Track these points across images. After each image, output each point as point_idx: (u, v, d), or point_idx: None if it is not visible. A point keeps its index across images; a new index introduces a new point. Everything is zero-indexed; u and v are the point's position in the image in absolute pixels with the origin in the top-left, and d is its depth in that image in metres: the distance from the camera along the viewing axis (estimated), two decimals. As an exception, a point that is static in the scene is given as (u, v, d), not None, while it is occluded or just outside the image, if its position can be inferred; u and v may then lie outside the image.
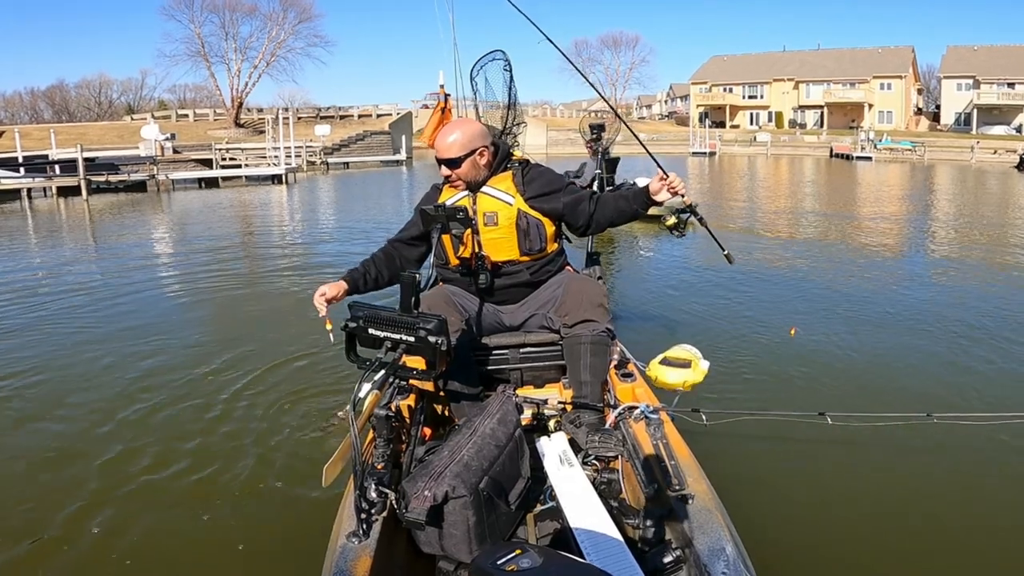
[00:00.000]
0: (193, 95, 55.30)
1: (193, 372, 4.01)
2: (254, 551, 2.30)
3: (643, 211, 2.28)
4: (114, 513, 2.51)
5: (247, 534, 2.38)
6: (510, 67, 3.38)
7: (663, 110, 67.26)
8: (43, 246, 10.50)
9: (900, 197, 16.42)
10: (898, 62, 48.31)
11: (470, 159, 2.24)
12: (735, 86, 52.70)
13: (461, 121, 2.42)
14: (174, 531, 2.40)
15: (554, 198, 2.30)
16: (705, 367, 2.08)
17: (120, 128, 36.11)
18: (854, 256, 8.13)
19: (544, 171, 2.38)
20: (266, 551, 2.29)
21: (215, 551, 2.30)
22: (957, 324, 4.97)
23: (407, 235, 2.43)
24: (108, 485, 2.72)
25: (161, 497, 2.62)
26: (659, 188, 2.19)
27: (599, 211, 2.32)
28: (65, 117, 51.28)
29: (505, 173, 2.32)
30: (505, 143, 2.42)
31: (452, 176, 2.28)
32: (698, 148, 38.57)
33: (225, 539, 2.36)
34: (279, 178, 22.83)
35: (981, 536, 2.44)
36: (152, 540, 2.34)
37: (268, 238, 10.98)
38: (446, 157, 2.25)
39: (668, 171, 2.20)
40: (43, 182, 19.92)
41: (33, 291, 6.61)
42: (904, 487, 2.76)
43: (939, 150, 34.87)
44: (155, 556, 2.26)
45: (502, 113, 3.51)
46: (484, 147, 2.27)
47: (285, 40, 42.63)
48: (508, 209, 2.27)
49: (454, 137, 2.24)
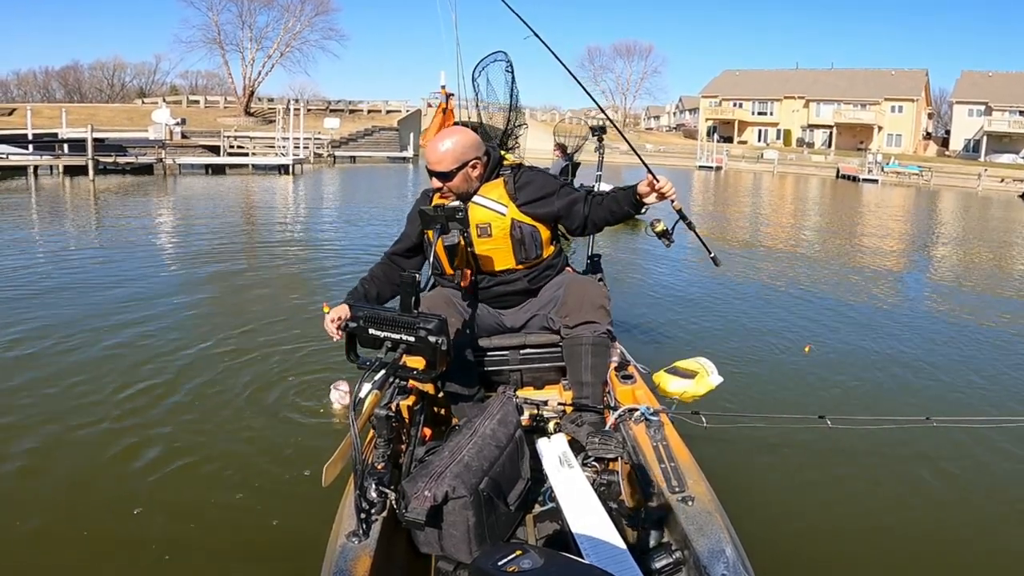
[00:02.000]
0: (205, 82, 55.58)
1: (189, 367, 3.91)
2: (254, 550, 2.29)
3: (634, 212, 2.24)
4: (112, 512, 2.47)
5: (246, 533, 2.37)
6: (512, 68, 3.37)
7: (671, 122, 67.37)
8: (44, 224, 10.51)
9: (903, 220, 16.50)
10: (911, 85, 48.37)
11: (462, 172, 2.19)
12: (745, 101, 52.74)
13: (453, 130, 2.33)
14: (173, 530, 2.37)
15: (548, 202, 2.26)
16: (714, 381, 2.07)
17: (131, 111, 36.19)
18: (853, 270, 8.22)
19: (536, 175, 2.32)
20: (266, 550, 2.29)
21: (214, 550, 2.28)
22: (954, 333, 5.10)
23: (403, 247, 2.40)
24: (105, 483, 2.68)
25: (159, 496, 2.58)
26: (647, 192, 2.15)
27: (594, 212, 2.27)
28: (77, 98, 51.31)
29: (496, 180, 2.27)
30: (496, 150, 2.36)
31: (444, 188, 2.22)
32: (705, 162, 38.58)
33: (224, 538, 2.35)
34: (286, 168, 22.84)
35: (980, 538, 2.47)
36: (151, 539, 2.32)
37: (270, 227, 11.02)
38: (438, 170, 2.19)
39: (659, 176, 2.15)
40: (50, 160, 19.93)
41: (31, 268, 6.61)
42: (903, 490, 2.78)
43: (946, 176, 34.90)
44: (154, 555, 2.24)
45: (503, 115, 3.51)
46: (477, 159, 2.21)
47: (301, 32, 42.75)
48: (501, 220, 2.22)
49: (446, 149, 2.17)
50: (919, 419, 2.74)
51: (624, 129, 54.56)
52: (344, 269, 7.07)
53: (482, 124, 3.49)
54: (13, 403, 3.38)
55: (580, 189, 2.39)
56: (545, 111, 42.40)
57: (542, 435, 2.08)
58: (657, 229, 2.40)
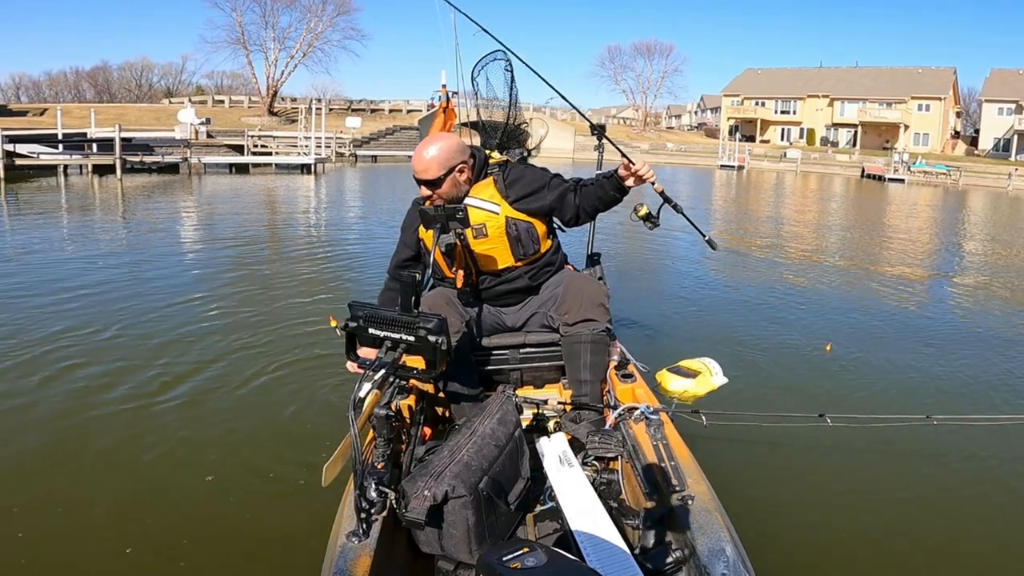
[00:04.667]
0: (230, 82, 56.28)
1: (191, 364, 3.91)
2: (253, 550, 2.28)
3: (621, 196, 2.26)
4: (111, 509, 2.47)
5: (246, 533, 2.36)
6: (511, 67, 3.39)
7: (692, 121, 66.73)
8: (73, 221, 10.75)
9: (925, 219, 16.18)
10: (938, 83, 47.31)
11: (450, 178, 2.18)
12: (768, 100, 52.00)
13: (436, 137, 2.30)
14: (171, 528, 2.36)
15: (539, 196, 2.26)
16: (718, 382, 2.08)
17: (158, 111, 36.82)
18: (862, 268, 8.13)
19: (525, 170, 2.33)
20: (265, 550, 2.28)
21: (214, 550, 2.27)
22: (957, 333, 5.05)
23: (403, 258, 2.41)
24: (104, 480, 2.66)
25: (158, 495, 2.57)
26: (626, 176, 2.17)
27: (584, 200, 2.28)
28: (106, 98, 52.38)
29: (486, 180, 2.26)
30: (482, 151, 2.35)
31: (433, 196, 2.20)
32: (726, 161, 38.16)
33: (224, 538, 2.34)
34: (308, 168, 23.07)
35: (980, 537, 2.46)
36: (150, 538, 2.31)
37: (290, 226, 11.13)
38: (425, 179, 2.17)
39: (634, 160, 2.16)
40: (80, 159, 20.37)
41: (61, 263, 6.78)
42: (903, 489, 2.77)
43: (975, 176, 34.09)
44: (153, 554, 2.23)
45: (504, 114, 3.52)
46: (463, 163, 2.20)
47: (323, 32, 43.10)
48: (495, 219, 2.22)
49: (431, 156, 2.16)
50: (920, 418, 2.74)
51: (644, 128, 54.30)
52: (357, 270, 7.07)
53: (482, 124, 3.51)
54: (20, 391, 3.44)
55: (569, 180, 2.38)
56: (564, 111, 42.22)
57: (542, 434, 2.10)
58: (640, 213, 2.39)
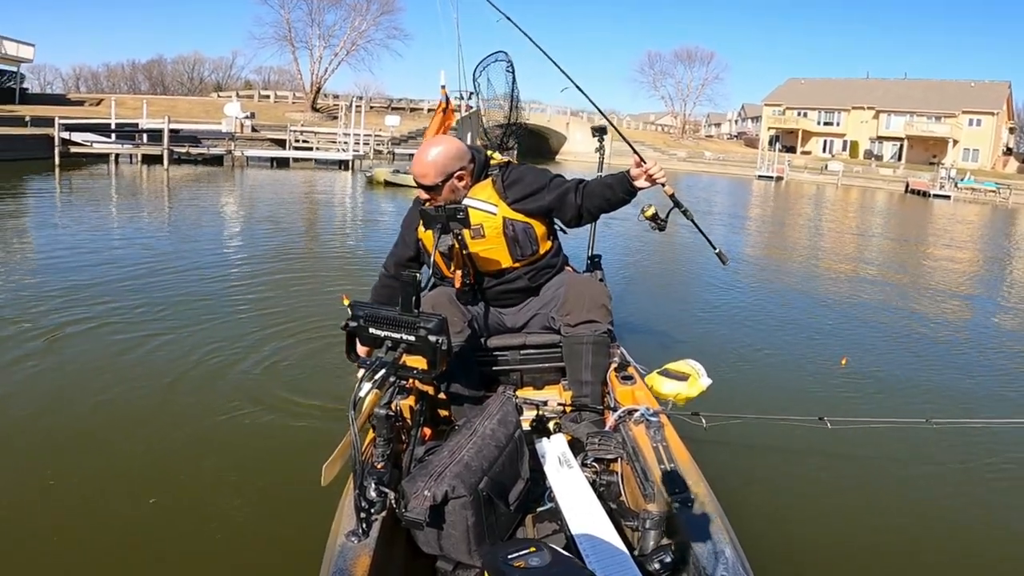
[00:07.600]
0: (277, 78, 57.41)
1: (193, 363, 3.87)
2: (252, 549, 2.28)
3: (629, 198, 2.21)
4: (111, 507, 2.46)
5: (245, 532, 2.35)
6: (512, 68, 3.40)
7: (732, 130, 65.68)
8: (122, 207, 11.21)
9: (965, 235, 15.70)
10: (992, 97, 45.64)
11: (448, 183, 2.17)
12: (810, 110, 50.86)
13: (437, 141, 2.27)
14: (170, 528, 2.35)
15: (538, 197, 2.24)
16: (705, 384, 2.11)
17: (207, 104, 37.80)
18: (878, 279, 8.08)
19: (525, 171, 2.30)
20: (264, 549, 2.27)
21: (213, 549, 2.27)
22: (957, 337, 5.05)
23: (404, 256, 2.39)
24: (103, 478, 2.64)
25: (156, 494, 2.55)
26: (638, 175, 2.12)
27: (587, 200, 2.24)
28: (160, 90, 54.05)
29: (485, 181, 2.25)
30: (482, 152, 2.31)
31: (432, 200, 2.19)
32: (765, 172, 37.48)
33: (223, 537, 2.33)
34: (346, 164, 23.49)
35: (980, 538, 2.47)
36: (147, 535, 2.30)
37: (326, 220, 11.37)
38: (423, 184, 2.17)
39: (647, 158, 2.12)
40: (130, 149, 21.16)
41: (107, 248, 7.09)
42: (902, 491, 2.78)
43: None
44: (153, 554, 2.23)
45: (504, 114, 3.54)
46: (462, 168, 2.18)
47: (366, 31, 43.77)
48: (493, 219, 2.21)
49: (430, 161, 2.15)
50: (919, 420, 2.74)
51: (683, 136, 53.46)
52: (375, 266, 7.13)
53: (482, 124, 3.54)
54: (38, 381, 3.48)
55: (570, 180, 2.35)
56: (593, 115, 41.95)
57: (542, 435, 2.11)
58: (647, 213, 2.34)
